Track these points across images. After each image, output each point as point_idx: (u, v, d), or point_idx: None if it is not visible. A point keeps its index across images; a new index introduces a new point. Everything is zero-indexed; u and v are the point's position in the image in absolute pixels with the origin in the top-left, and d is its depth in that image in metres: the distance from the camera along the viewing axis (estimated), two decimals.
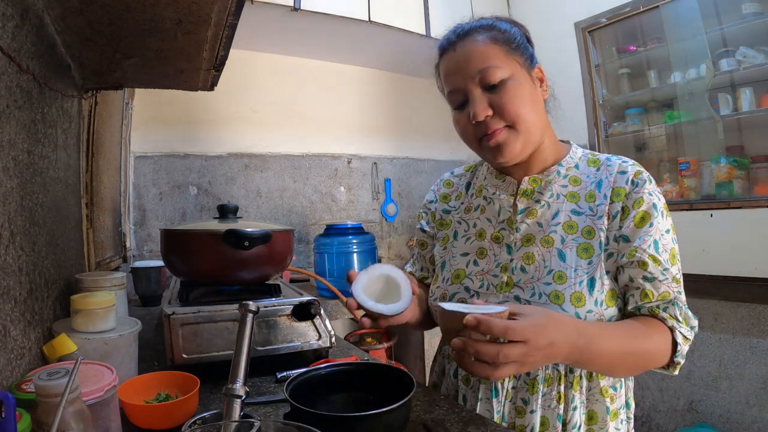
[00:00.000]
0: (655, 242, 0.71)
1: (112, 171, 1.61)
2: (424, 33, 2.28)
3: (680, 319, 0.70)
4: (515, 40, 0.75)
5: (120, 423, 0.59)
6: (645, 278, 0.70)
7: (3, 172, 0.57)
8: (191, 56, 0.97)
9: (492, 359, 0.54)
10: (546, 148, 0.79)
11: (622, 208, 0.73)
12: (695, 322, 0.71)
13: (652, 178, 0.75)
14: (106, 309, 0.72)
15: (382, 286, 0.76)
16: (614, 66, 2.32)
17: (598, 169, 0.78)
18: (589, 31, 2.32)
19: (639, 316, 0.72)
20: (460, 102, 0.76)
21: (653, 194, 0.73)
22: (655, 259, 0.70)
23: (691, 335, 0.70)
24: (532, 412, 0.72)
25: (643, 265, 0.70)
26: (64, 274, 0.89)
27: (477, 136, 0.75)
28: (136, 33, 0.84)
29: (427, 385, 0.90)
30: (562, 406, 0.72)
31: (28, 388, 0.51)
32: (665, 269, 0.70)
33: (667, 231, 0.73)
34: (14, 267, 0.60)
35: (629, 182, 0.74)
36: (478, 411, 0.75)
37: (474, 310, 0.58)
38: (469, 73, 0.73)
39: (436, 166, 2.91)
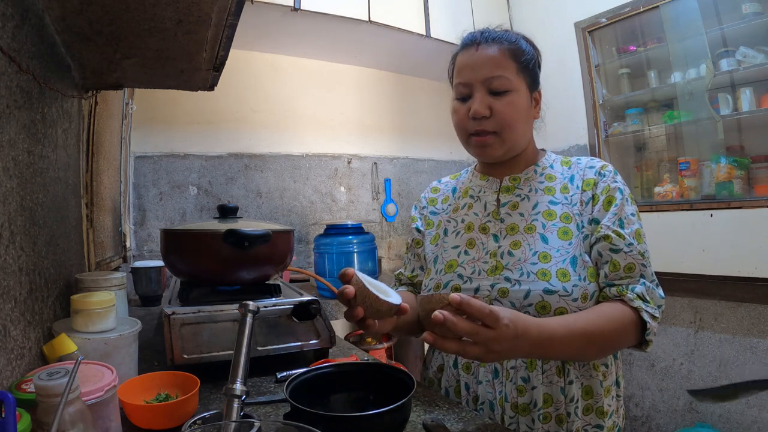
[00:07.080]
0: (620, 220, 0.78)
1: (112, 171, 1.61)
2: (424, 33, 2.28)
3: (647, 298, 0.75)
4: (530, 62, 0.84)
5: (120, 423, 0.59)
6: (611, 250, 0.77)
7: (3, 172, 0.57)
8: (191, 56, 0.97)
9: (467, 334, 0.59)
10: (526, 153, 0.89)
11: (592, 196, 0.82)
12: (662, 300, 0.76)
13: (617, 171, 0.84)
14: (106, 309, 0.72)
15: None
16: (614, 66, 2.32)
17: (569, 168, 0.88)
18: (589, 31, 2.32)
19: (607, 301, 0.76)
20: (464, 94, 0.84)
21: (618, 182, 0.82)
22: (618, 234, 0.77)
23: (658, 313, 0.75)
24: (533, 388, 0.76)
25: (607, 238, 0.77)
26: (64, 274, 0.89)
27: (468, 130, 0.84)
28: (136, 33, 0.84)
29: (420, 381, 0.91)
30: (562, 380, 0.76)
31: (28, 388, 0.51)
32: (629, 243, 0.76)
33: (633, 214, 0.80)
34: (14, 267, 0.60)
35: (597, 174, 0.83)
36: (480, 396, 0.79)
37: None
38: (481, 74, 0.81)
39: (436, 166, 2.91)
